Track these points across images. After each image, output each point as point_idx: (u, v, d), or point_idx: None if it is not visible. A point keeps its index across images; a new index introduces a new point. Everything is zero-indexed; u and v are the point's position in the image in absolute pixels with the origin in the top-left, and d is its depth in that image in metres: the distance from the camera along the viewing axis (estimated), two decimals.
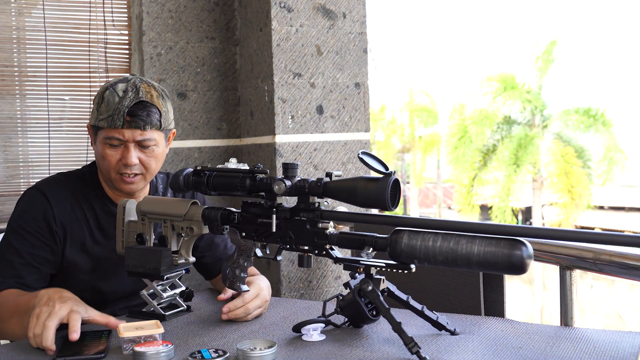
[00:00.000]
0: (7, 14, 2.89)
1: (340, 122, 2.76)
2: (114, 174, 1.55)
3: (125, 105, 1.50)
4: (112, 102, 1.50)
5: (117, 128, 1.50)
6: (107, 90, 1.53)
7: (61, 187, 1.58)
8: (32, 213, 1.54)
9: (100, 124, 1.52)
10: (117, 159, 1.53)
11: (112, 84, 1.55)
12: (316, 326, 1.26)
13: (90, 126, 1.59)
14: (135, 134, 1.51)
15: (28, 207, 1.55)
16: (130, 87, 1.52)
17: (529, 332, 1.28)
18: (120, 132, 1.50)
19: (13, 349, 1.28)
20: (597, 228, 15.38)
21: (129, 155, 1.52)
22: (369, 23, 2.84)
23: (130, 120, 1.50)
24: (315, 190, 1.23)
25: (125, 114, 1.49)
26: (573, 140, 15.34)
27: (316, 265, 2.69)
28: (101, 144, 1.54)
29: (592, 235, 1.01)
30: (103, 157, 1.54)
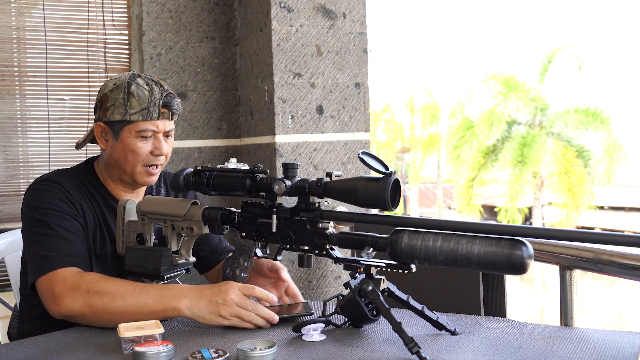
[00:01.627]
0: (7, 14, 2.89)
1: (340, 122, 2.76)
2: (139, 168, 1.57)
3: (158, 97, 1.55)
4: (144, 96, 1.54)
5: (153, 120, 1.54)
6: (132, 86, 1.54)
7: (67, 178, 1.57)
8: (50, 197, 1.50)
9: (133, 117, 1.53)
10: (147, 151, 1.56)
11: (130, 78, 1.56)
12: (316, 326, 1.26)
13: (109, 123, 1.57)
14: (166, 124, 1.58)
15: (43, 194, 1.50)
16: (148, 81, 1.57)
17: (529, 332, 1.28)
18: (155, 124, 1.55)
19: (13, 348, 1.28)
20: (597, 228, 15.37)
21: (161, 145, 1.57)
22: (369, 23, 2.84)
23: (164, 112, 1.56)
24: (315, 190, 1.23)
25: (161, 105, 1.55)
26: (573, 139, 15.34)
27: (316, 265, 2.69)
28: (131, 139, 1.54)
29: (592, 235, 1.01)
30: (133, 150, 1.55)
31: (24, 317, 1.61)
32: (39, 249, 1.44)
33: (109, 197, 1.62)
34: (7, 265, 1.91)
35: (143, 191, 1.69)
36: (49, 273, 1.39)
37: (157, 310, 1.32)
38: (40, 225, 1.46)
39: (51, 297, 1.37)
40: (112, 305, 1.33)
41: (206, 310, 1.30)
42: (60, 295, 1.36)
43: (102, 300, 1.34)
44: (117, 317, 1.32)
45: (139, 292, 1.34)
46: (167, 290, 1.34)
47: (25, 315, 1.61)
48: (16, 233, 1.93)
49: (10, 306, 2.00)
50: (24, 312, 1.61)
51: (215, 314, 1.30)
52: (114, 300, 1.33)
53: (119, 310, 1.33)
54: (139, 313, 1.32)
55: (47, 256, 1.41)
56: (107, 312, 1.33)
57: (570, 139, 15.32)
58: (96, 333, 1.35)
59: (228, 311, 1.29)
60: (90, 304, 1.34)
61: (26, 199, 1.53)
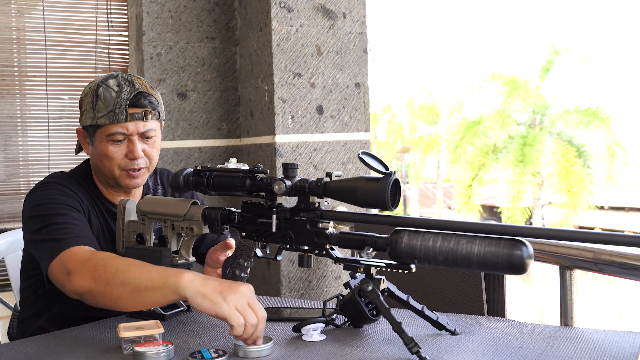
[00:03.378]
0: (7, 14, 2.89)
1: (340, 122, 2.76)
2: (118, 171, 1.53)
3: (125, 98, 1.48)
4: (110, 98, 1.48)
5: (121, 122, 1.48)
6: (100, 87, 1.50)
7: (68, 180, 1.55)
8: (54, 194, 1.46)
9: (100, 121, 1.49)
10: (122, 155, 1.51)
11: (101, 81, 1.52)
12: (316, 326, 1.26)
13: (84, 128, 1.55)
14: (139, 125, 1.50)
15: (47, 193, 1.46)
16: (121, 81, 1.51)
17: (529, 332, 1.28)
18: (124, 126, 1.49)
19: (13, 348, 1.28)
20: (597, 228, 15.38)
21: (135, 149, 1.50)
22: (369, 23, 2.84)
23: (133, 113, 1.49)
24: (315, 190, 1.23)
25: (127, 106, 1.48)
26: (573, 139, 15.35)
27: (316, 265, 2.69)
28: (103, 143, 1.51)
29: (592, 235, 1.01)
30: (106, 155, 1.51)
31: (24, 317, 1.61)
32: (49, 237, 1.38)
33: (105, 201, 1.60)
34: (7, 265, 1.91)
35: (139, 192, 1.68)
36: (61, 253, 1.33)
37: (157, 285, 1.20)
38: (46, 219, 1.41)
39: (65, 275, 1.31)
40: (115, 279, 1.24)
41: (211, 288, 1.15)
42: (72, 272, 1.30)
43: (106, 273, 1.25)
44: (119, 290, 1.23)
45: (144, 267, 1.26)
46: (169, 271, 1.23)
47: (25, 316, 1.60)
48: (16, 233, 1.93)
49: (10, 306, 2.00)
50: (23, 313, 1.61)
51: (221, 294, 1.13)
52: (117, 273, 1.25)
53: (120, 282, 1.24)
54: (140, 287, 1.22)
55: (58, 239, 1.36)
56: (110, 284, 1.25)
57: (571, 139, 15.32)
58: (96, 333, 1.35)
59: (236, 300, 1.13)
60: (95, 277, 1.26)
61: (27, 203, 1.50)
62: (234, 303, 1.12)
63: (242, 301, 1.13)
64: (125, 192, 1.62)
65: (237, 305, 1.13)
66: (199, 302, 1.14)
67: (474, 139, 15.92)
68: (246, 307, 1.13)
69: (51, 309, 1.52)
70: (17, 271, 1.73)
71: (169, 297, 1.20)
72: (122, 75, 1.54)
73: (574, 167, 14.77)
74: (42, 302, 1.53)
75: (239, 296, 1.14)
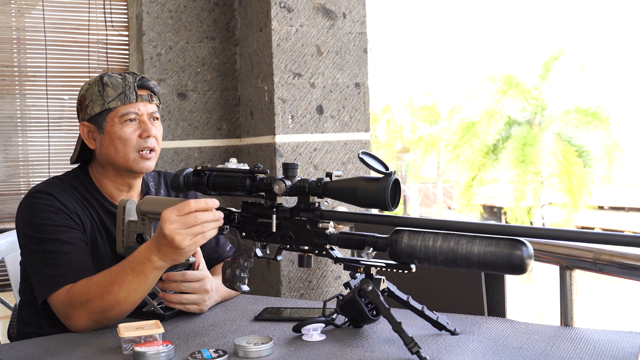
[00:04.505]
0: (7, 14, 2.89)
1: (340, 122, 2.76)
2: (132, 154, 1.56)
3: (132, 81, 1.56)
4: (117, 83, 1.56)
5: (132, 102, 1.55)
6: (104, 77, 1.57)
7: (60, 187, 1.55)
8: (44, 211, 1.48)
9: (112, 104, 1.54)
10: (136, 135, 1.56)
11: (102, 74, 1.60)
12: (316, 326, 1.26)
13: (91, 119, 1.57)
14: (147, 106, 1.58)
15: (37, 209, 1.49)
16: (119, 72, 1.60)
17: (529, 332, 1.28)
18: (135, 106, 1.56)
19: (13, 348, 1.28)
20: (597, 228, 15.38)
21: (148, 127, 1.56)
22: (369, 23, 2.84)
23: (142, 94, 1.57)
24: (315, 190, 1.23)
25: (137, 87, 1.56)
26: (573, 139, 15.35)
27: (316, 265, 2.69)
28: (116, 126, 1.55)
29: (592, 235, 1.01)
30: (120, 137, 1.54)
31: (24, 317, 1.61)
32: (40, 267, 1.44)
33: (104, 201, 1.60)
34: (7, 265, 1.91)
35: (138, 189, 1.68)
36: (52, 295, 1.41)
37: (141, 284, 1.33)
38: (37, 243, 1.46)
39: (63, 319, 1.40)
40: (106, 304, 1.34)
41: (171, 253, 1.28)
42: (66, 317, 1.39)
43: (96, 305, 1.35)
44: (120, 308, 1.34)
45: (114, 277, 1.35)
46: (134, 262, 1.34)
47: (25, 316, 1.60)
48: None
49: (10, 306, 2.00)
50: (23, 313, 1.61)
51: (180, 250, 1.27)
52: (103, 298, 1.34)
53: (113, 303, 1.34)
54: (130, 294, 1.34)
55: (49, 275, 1.42)
56: (108, 310, 1.35)
57: (571, 139, 15.33)
58: (96, 333, 1.35)
59: (183, 239, 1.26)
60: (91, 313, 1.36)
61: (20, 213, 1.52)
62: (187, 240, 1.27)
63: (183, 234, 1.26)
64: (129, 186, 1.63)
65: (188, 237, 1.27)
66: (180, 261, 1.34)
67: (473, 139, 15.92)
68: (189, 230, 1.26)
69: (50, 310, 1.52)
70: (17, 271, 1.73)
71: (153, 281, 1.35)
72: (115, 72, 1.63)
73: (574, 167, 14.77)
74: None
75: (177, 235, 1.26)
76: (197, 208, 1.28)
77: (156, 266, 1.32)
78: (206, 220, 1.28)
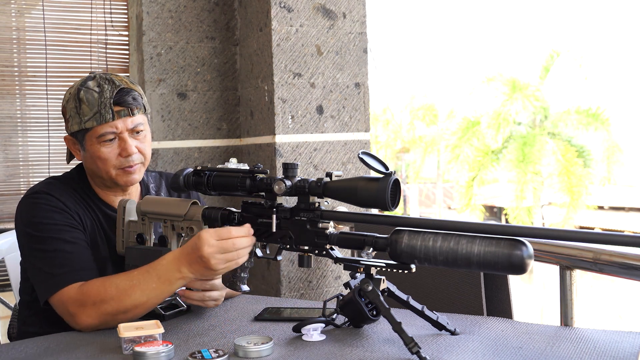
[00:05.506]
0: (7, 14, 2.89)
1: (340, 122, 2.76)
2: (114, 172, 1.52)
3: (108, 96, 1.48)
4: (93, 99, 1.47)
5: (108, 122, 1.47)
6: (81, 91, 1.49)
7: (59, 187, 1.54)
8: (45, 210, 1.47)
9: (88, 124, 1.48)
10: (115, 155, 1.51)
11: (80, 85, 1.51)
12: (316, 326, 1.26)
13: (72, 134, 1.54)
14: (127, 122, 1.50)
15: (38, 209, 1.47)
16: (100, 80, 1.50)
17: (529, 332, 1.28)
18: (113, 125, 1.48)
19: (13, 348, 1.28)
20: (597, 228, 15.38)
21: (127, 146, 1.50)
22: (369, 23, 2.84)
23: (119, 110, 1.48)
24: (315, 190, 1.23)
25: (112, 104, 1.48)
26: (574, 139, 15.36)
27: (316, 265, 2.69)
28: (94, 146, 1.50)
29: (592, 235, 1.01)
30: (99, 157, 1.50)
31: (24, 317, 1.61)
32: (42, 265, 1.42)
33: (100, 203, 1.59)
34: (7, 265, 1.91)
35: (137, 191, 1.68)
36: (57, 293, 1.39)
37: (164, 291, 1.34)
38: (38, 242, 1.44)
39: (68, 317, 1.38)
40: (122, 306, 1.34)
41: (203, 271, 1.30)
42: (74, 315, 1.36)
43: (111, 306, 1.34)
44: (135, 312, 1.35)
45: (137, 282, 1.34)
46: (161, 270, 1.33)
47: (25, 316, 1.60)
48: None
49: (10, 306, 2.00)
50: (23, 313, 1.61)
51: (213, 271, 1.29)
52: (122, 300, 1.33)
53: (130, 307, 1.34)
54: (150, 300, 1.34)
55: (52, 274, 1.40)
56: (122, 312, 1.34)
57: (571, 139, 15.33)
58: (96, 333, 1.35)
59: (217, 264, 1.28)
60: (104, 314, 1.35)
61: (20, 213, 1.50)
62: (220, 265, 1.28)
63: (218, 258, 1.27)
64: (123, 190, 1.61)
65: (221, 263, 1.28)
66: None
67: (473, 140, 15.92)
68: (223, 256, 1.28)
69: (50, 310, 1.52)
70: (17, 271, 1.73)
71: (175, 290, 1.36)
72: (99, 75, 1.53)
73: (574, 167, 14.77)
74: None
75: (213, 258, 1.27)
76: (237, 235, 1.29)
77: (184, 277, 1.32)
78: (242, 247, 1.29)
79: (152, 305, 1.36)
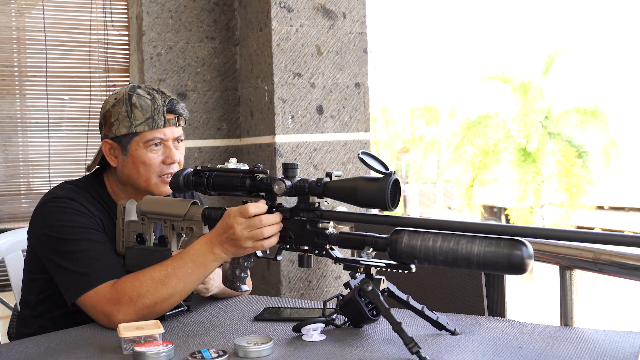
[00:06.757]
0: (7, 14, 2.89)
1: (340, 122, 2.76)
2: (154, 179, 1.54)
3: (161, 104, 1.53)
4: (147, 105, 1.52)
5: (159, 128, 1.52)
6: (134, 97, 1.52)
7: (78, 192, 1.54)
8: (69, 213, 1.47)
9: (139, 128, 1.51)
10: (159, 161, 1.54)
11: (130, 90, 1.54)
12: (316, 326, 1.26)
13: (115, 138, 1.54)
14: (174, 130, 1.56)
15: (62, 212, 1.47)
16: (149, 90, 1.55)
17: (529, 332, 1.28)
18: (162, 132, 1.53)
19: (13, 348, 1.28)
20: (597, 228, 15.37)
21: (172, 154, 1.54)
22: (369, 23, 2.84)
23: (170, 118, 1.54)
24: (315, 190, 1.23)
25: (165, 112, 1.53)
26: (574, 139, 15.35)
27: (316, 265, 2.69)
28: (140, 150, 1.52)
29: (592, 235, 1.01)
30: (144, 162, 1.52)
31: (24, 318, 1.61)
32: (70, 265, 1.41)
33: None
34: (7, 265, 1.91)
35: None
36: (89, 292, 1.38)
37: (200, 275, 1.35)
38: (65, 244, 1.43)
39: (101, 316, 1.37)
40: (159, 296, 1.34)
41: (233, 250, 1.31)
42: (110, 314, 1.36)
43: (149, 299, 1.34)
44: (172, 300, 1.36)
45: (172, 270, 1.35)
46: (195, 255, 1.35)
47: (25, 316, 1.60)
48: (16, 233, 1.93)
49: (10, 306, 2.00)
50: (24, 313, 1.61)
51: (242, 249, 1.30)
52: (158, 291, 1.34)
53: (167, 296, 1.35)
54: (187, 286, 1.36)
55: (82, 273, 1.40)
56: (160, 303, 1.35)
57: (571, 139, 15.32)
58: (96, 333, 1.35)
59: (246, 241, 1.28)
60: (141, 308, 1.35)
61: (42, 218, 1.49)
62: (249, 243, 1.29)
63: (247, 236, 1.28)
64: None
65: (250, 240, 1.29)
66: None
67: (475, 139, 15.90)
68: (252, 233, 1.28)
69: (53, 312, 1.52)
70: (17, 271, 1.73)
71: (210, 272, 1.37)
72: (145, 85, 1.58)
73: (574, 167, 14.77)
74: (46, 305, 1.53)
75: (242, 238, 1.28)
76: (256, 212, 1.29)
77: (217, 258, 1.34)
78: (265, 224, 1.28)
79: (188, 291, 1.37)
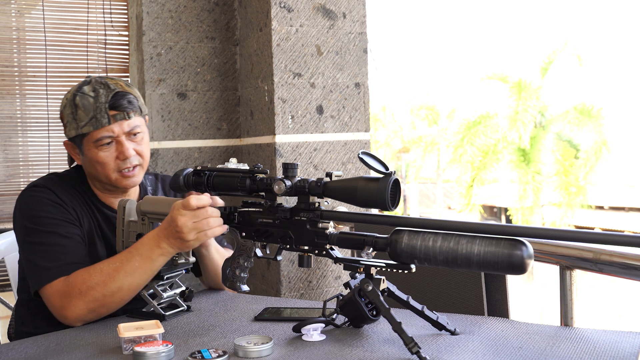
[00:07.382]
0: (7, 14, 2.89)
1: (340, 122, 2.76)
2: (114, 175, 1.54)
3: (103, 101, 1.50)
4: (89, 104, 1.49)
5: (105, 126, 1.49)
6: (76, 97, 1.51)
7: (58, 183, 1.56)
8: (43, 204, 1.48)
9: (84, 130, 1.50)
10: (113, 158, 1.52)
11: (76, 90, 1.53)
12: (316, 326, 1.26)
13: (71, 139, 1.56)
14: (123, 125, 1.52)
15: (35, 202, 1.49)
16: (96, 85, 1.52)
17: (529, 332, 1.28)
18: (109, 129, 1.50)
19: (13, 348, 1.28)
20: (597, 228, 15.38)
21: (124, 149, 1.52)
22: (369, 23, 2.84)
23: (115, 114, 1.50)
24: (315, 190, 1.23)
25: (107, 109, 1.49)
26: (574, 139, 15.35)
27: (316, 265, 2.69)
28: (92, 150, 1.52)
29: (592, 235, 1.01)
30: (98, 161, 1.52)
31: (21, 316, 1.61)
32: (34, 258, 1.45)
33: (100, 204, 1.61)
34: (7, 265, 1.91)
35: (135, 193, 1.68)
36: (46, 286, 1.41)
37: (147, 270, 1.38)
38: (34, 234, 1.46)
39: (56, 311, 1.41)
40: (108, 290, 1.37)
41: (177, 244, 1.36)
42: (61, 308, 1.38)
43: (97, 292, 1.37)
44: (122, 294, 1.38)
45: (120, 264, 1.38)
46: (142, 249, 1.38)
47: (22, 315, 1.60)
48: None
49: (10, 306, 2.00)
50: (20, 312, 1.61)
51: (185, 242, 1.34)
52: (106, 285, 1.37)
53: (116, 289, 1.37)
54: (135, 280, 1.38)
55: (43, 267, 1.42)
56: (109, 296, 1.37)
57: (571, 139, 15.32)
58: (96, 333, 1.35)
59: (189, 233, 1.33)
60: (91, 301, 1.37)
61: (18, 205, 1.52)
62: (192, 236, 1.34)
63: (190, 228, 1.33)
64: (123, 192, 1.62)
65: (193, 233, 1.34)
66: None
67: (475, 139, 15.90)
68: (195, 225, 1.33)
69: (46, 309, 1.53)
70: (17, 271, 1.72)
71: (158, 267, 1.41)
72: (95, 80, 1.54)
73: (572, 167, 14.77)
74: (40, 302, 1.53)
75: (186, 229, 1.33)
76: (199, 204, 1.33)
77: (164, 252, 1.37)
78: (209, 216, 1.33)
79: (137, 286, 1.39)
